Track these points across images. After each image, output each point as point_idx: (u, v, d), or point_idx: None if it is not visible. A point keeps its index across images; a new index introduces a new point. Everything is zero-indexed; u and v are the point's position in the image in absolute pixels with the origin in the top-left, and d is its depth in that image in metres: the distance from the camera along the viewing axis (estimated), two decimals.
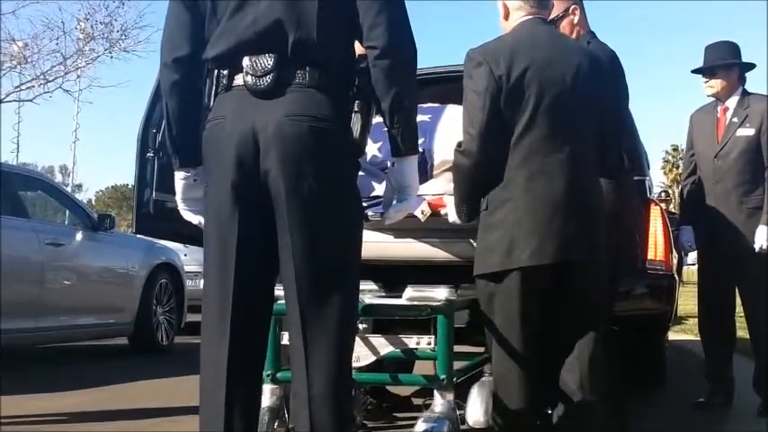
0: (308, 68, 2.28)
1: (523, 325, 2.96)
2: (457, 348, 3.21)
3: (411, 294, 3.18)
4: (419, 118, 3.64)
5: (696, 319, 5.43)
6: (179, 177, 2.56)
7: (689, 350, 7.73)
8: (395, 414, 4.48)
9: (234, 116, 2.29)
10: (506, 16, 3.18)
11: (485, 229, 3.05)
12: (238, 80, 2.32)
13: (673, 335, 7.74)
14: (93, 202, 53.72)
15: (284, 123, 2.23)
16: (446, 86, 4.79)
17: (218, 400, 2.27)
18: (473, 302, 3.54)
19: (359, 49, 2.41)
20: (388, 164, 3.52)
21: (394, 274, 3.77)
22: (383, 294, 3.62)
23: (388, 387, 4.43)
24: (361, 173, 3.50)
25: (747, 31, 27.63)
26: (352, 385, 2.45)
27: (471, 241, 3.59)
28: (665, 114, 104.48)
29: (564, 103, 3.01)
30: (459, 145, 3.07)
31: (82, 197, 41.04)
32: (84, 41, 19.75)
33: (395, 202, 2.47)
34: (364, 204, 2.93)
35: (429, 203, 3.50)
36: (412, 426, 3.05)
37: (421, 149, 3.54)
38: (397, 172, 2.43)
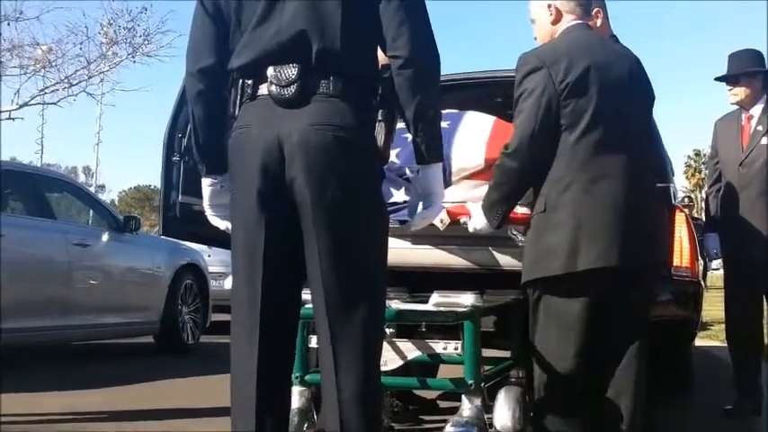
0: (331, 78, 2.30)
1: (580, 331, 2.96)
2: (484, 353, 3.21)
3: (437, 300, 3.19)
4: None
5: (722, 325, 5.41)
6: (206, 184, 2.60)
7: (715, 356, 7.69)
8: (421, 417, 4.50)
9: (259, 125, 2.32)
10: (556, 20, 3.19)
11: (541, 231, 3.03)
12: (263, 90, 2.35)
13: (699, 341, 7.68)
14: (116, 203, 53.99)
15: (309, 132, 2.26)
16: (464, 93, 4.82)
17: (249, 403, 2.31)
18: (499, 308, 3.57)
19: (382, 58, 2.43)
20: (407, 171, 3.54)
21: (420, 280, 3.77)
22: (410, 300, 3.63)
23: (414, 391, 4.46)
24: None
25: None
26: (380, 389, 2.48)
27: (491, 249, 3.60)
28: (687, 119, 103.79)
29: (622, 106, 3.03)
30: (506, 147, 3.07)
31: (104, 198, 41.24)
32: (108, 46, 19.90)
33: (420, 209, 2.49)
34: None
35: (448, 211, 3.49)
36: (439, 429, 3.06)
37: None
38: (422, 179, 2.46)
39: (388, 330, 3.24)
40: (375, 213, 2.39)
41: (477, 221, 3.28)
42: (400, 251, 3.57)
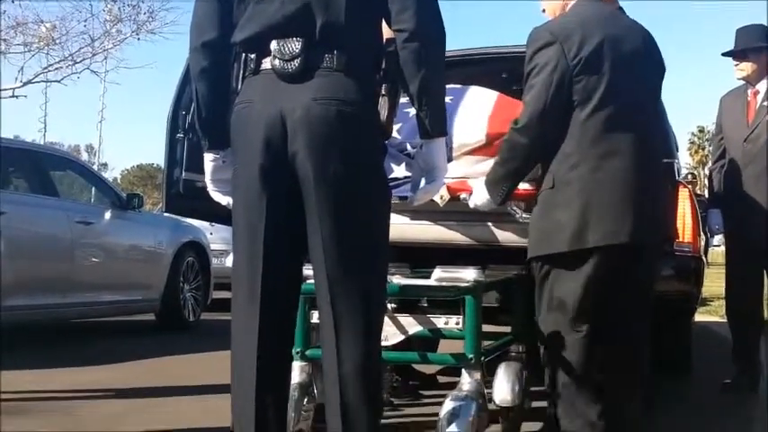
0: (335, 52, 2.29)
1: (586, 309, 2.94)
2: (483, 328, 3.22)
3: (439, 275, 3.18)
4: None
5: (722, 301, 5.43)
6: (208, 159, 2.60)
7: (715, 332, 7.71)
8: (421, 392, 4.52)
9: (262, 100, 2.31)
10: None
11: (548, 207, 3.00)
12: (266, 64, 2.33)
13: (698, 316, 7.72)
14: (119, 181, 54.06)
15: (312, 107, 2.25)
16: (470, 69, 4.80)
17: (249, 379, 2.32)
18: (501, 283, 3.57)
19: (387, 32, 2.42)
20: (408, 146, 3.52)
21: (424, 256, 3.77)
22: (412, 275, 3.63)
23: (414, 365, 4.48)
24: None
25: None
26: (381, 363, 2.48)
27: (490, 225, 3.59)
28: (691, 96, 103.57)
29: (634, 81, 3.00)
30: (515, 123, 3.04)
31: (108, 176, 41.26)
32: (112, 23, 19.94)
33: (423, 183, 2.48)
34: None
35: (448, 187, 3.47)
36: (438, 403, 3.07)
37: None
38: (426, 154, 2.44)
39: (389, 305, 3.24)
40: (378, 188, 2.38)
41: (478, 197, 3.26)
42: (398, 227, 3.56)
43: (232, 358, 2.38)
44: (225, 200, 2.60)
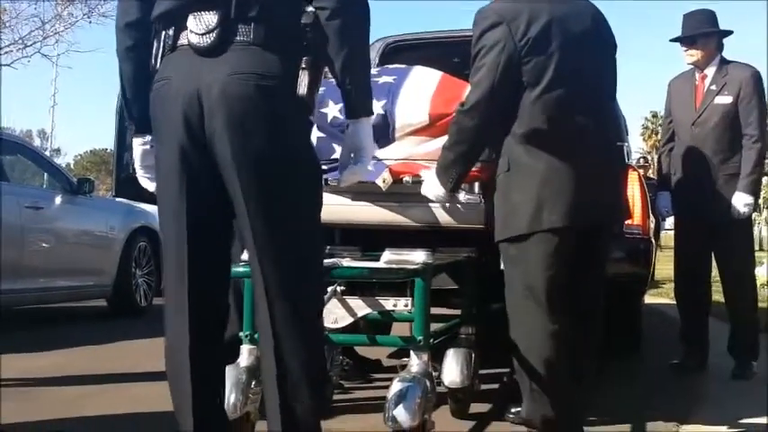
0: (253, 25, 2.20)
1: (549, 291, 2.94)
2: (433, 311, 3.22)
3: (389, 257, 3.16)
4: (384, 79, 3.62)
5: (673, 283, 5.50)
6: (137, 144, 2.53)
7: (665, 313, 7.81)
8: (371, 375, 4.53)
9: (179, 77, 2.22)
10: None
11: (506, 191, 3.01)
12: (183, 39, 2.25)
13: (649, 298, 7.83)
14: (72, 167, 53.33)
15: (229, 83, 2.16)
16: (420, 53, 4.80)
17: (183, 360, 2.26)
18: (450, 266, 3.58)
19: None
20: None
21: (373, 238, 3.76)
22: (362, 258, 3.62)
23: (359, 349, 4.50)
24: (321, 135, 3.46)
25: None
26: (322, 348, 2.41)
27: (431, 206, 3.52)
28: (644, 80, 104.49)
29: (585, 61, 2.99)
30: (462, 105, 3.03)
31: (61, 161, 40.86)
32: (63, 6, 19.62)
33: (351, 164, 2.41)
34: (325, 168, 2.88)
35: (391, 170, 3.44)
36: (388, 386, 3.07)
37: (383, 111, 3.48)
38: (352, 134, 2.38)
39: (339, 288, 3.23)
40: (303, 165, 2.28)
41: (429, 188, 3.23)
42: (334, 207, 3.51)
43: (165, 341, 2.32)
44: (152, 186, 2.49)
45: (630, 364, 5.32)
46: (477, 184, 3.47)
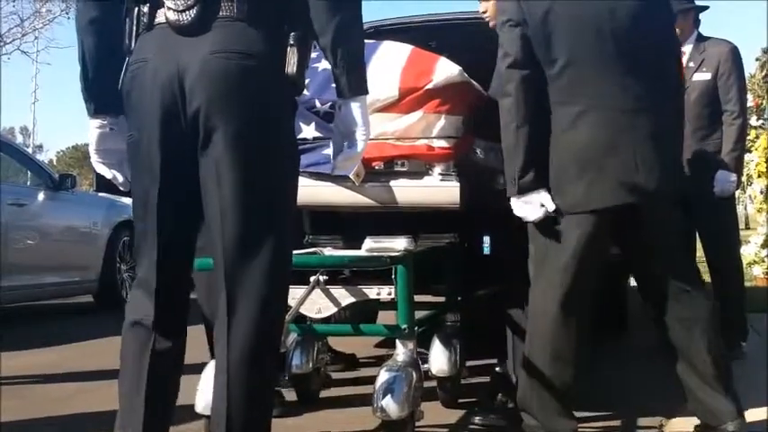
0: (235, 0, 2.06)
1: (569, 276, 2.86)
2: (417, 298, 3.21)
3: (370, 245, 3.13)
4: None
5: None
6: (94, 126, 2.33)
7: None
8: (359, 363, 4.54)
9: (156, 57, 2.07)
10: None
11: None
12: (160, 17, 2.09)
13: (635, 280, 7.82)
14: (55, 163, 53.03)
15: (210, 62, 2.02)
16: (401, 38, 4.76)
17: (143, 358, 2.27)
18: (432, 252, 3.54)
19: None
20: (317, 103, 3.28)
21: (353, 225, 3.70)
22: (343, 246, 3.59)
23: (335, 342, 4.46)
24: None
25: None
26: (278, 344, 2.24)
27: (391, 185, 3.34)
28: None
29: (607, 33, 2.84)
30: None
31: (43, 158, 40.71)
32: (41, 3, 19.52)
33: (345, 148, 2.22)
34: None
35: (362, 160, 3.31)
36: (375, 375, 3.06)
37: None
38: (345, 116, 2.19)
39: (321, 278, 3.19)
40: (285, 148, 2.16)
41: (522, 210, 2.94)
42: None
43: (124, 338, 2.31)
44: (110, 173, 2.36)
45: (616, 346, 5.32)
46: (451, 163, 3.32)
